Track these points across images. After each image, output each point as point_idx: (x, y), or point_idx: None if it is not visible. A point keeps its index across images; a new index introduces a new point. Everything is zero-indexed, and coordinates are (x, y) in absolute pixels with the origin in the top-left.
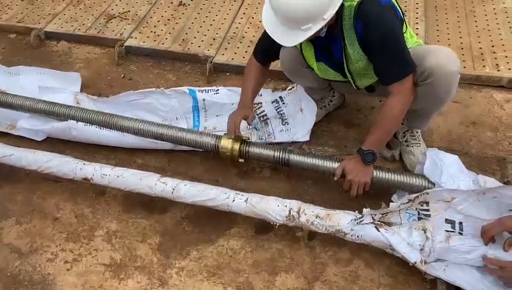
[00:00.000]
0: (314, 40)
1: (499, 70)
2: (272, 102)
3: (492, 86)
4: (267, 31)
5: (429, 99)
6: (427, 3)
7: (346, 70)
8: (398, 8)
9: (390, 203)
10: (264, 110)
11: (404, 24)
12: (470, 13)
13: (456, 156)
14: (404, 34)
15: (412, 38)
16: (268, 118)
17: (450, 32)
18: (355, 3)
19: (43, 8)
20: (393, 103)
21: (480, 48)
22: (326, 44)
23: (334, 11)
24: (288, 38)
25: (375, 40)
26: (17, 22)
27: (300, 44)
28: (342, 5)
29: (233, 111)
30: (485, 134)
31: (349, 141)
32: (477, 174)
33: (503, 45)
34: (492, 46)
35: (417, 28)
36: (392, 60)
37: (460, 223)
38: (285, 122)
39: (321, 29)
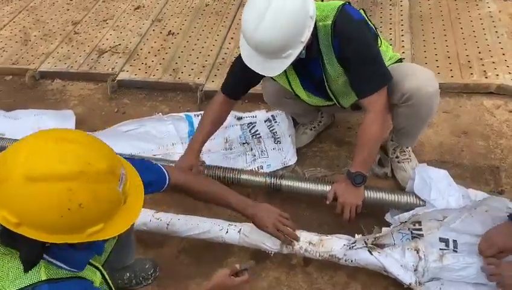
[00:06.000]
0: (295, 67)
1: (486, 77)
2: (265, 121)
3: (482, 93)
4: (249, 66)
5: (411, 119)
6: (412, 14)
7: (328, 90)
8: (370, 23)
9: (383, 228)
10: (257, 130)
11: (379, 38)
12: (455, 20)
13: (445, 171)
14: (380, 48)
15: (388, 52)
16: (261, 137)
17: (436, 42)
18: (329, 23)
19: (36, 48)
20: (370, 123)
21: (467, 56)
22: (306, 67)
23: (310, 32)
24: (272, 69)
25: (351, 53)
26: (12, 64)
27: (287, 76)
28: (315, 25)
29: (180, 158)
30: (476, 143)
31: (341, 159)
32: (468, 187)
33: (489, 50)
34: (479, 53)
35: (403, 41)
36: (366, 71)
37: (455, 240)
38: (278, 141)
39: (301, 51)
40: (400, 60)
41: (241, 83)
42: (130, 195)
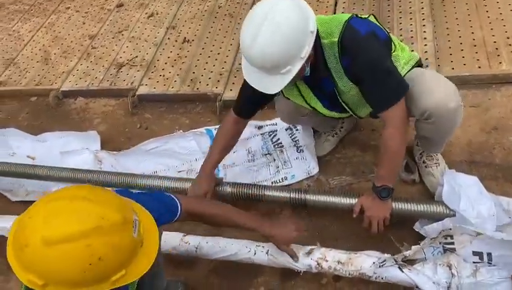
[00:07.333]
0: (307, 81)
1: None
2: (286, 129)
3: None
4: (248, 82)
5: (435, 133)
6: None
7: (341, 102)
8: (380, 28)
9: (412, 247)
10: (279, 138)
11: (392, 43)
12: (480, 2)
13: (475, 177)
14: (394, 53)
15: (404, 54)
16: (283, 146)
17: (460, 29)
18: (336, 39)
19: (57, 67)
20: (390, 135)
21: (495, 42)
22: (317, 82)
23: (310, 48)
24: (270, 86)
25: (362, 71)
26: (36, 85)
27: (300, 92)
28: (320, 43)
29: (192, 183)
30: (508, 139)
31: (366, 165)
32: (501, 188)
33: None
34: (508, 38)
35: (424, 32)
36: (380, 86)
37: (489, 253)
38: (300, 150)
39: (302, 68)
40: (419, 62)
41: (251, 103)
42: (145, 236)
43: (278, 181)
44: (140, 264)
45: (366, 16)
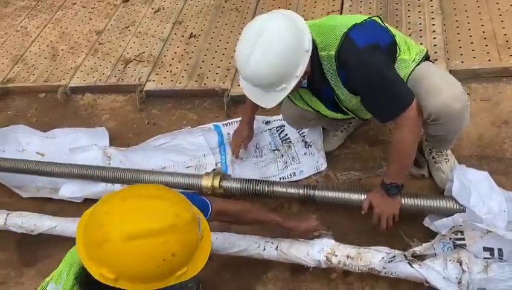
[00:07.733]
0: (308, 88)
1: None
2: None
3: None
4: (247, 96)
5: (443, 132)
6: None
7: (343, 108)
8: (384, 32)
9: (423, 244)
10: (287, 134)
11: (397, 47)
12: None
13: (486, 172)
14: (399, 57)
15: (411, 55)
16: (291, 141)
17: (470, 21)
18: (333, 53)
19: (65, 63)
20: (401, 136)
21: (505, 34)
22: (316, 90)
23: (305, 66)
24: (267, 101)
25: (361, 86)
26: (44, 81)
27: (302, 97)
28: (317, 54)
29: (235, 130)
30: None
31: (375, 160)
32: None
33: None
34: None
35: (433, 24)
36: (381, 99)
37: (500, 249)
38: (308, 146)
39: (298, 84)
40: (427, 55)
41: None
42: (203, 234)
43: (286, 177)
44: (198, 260)
45: (370, 17)
